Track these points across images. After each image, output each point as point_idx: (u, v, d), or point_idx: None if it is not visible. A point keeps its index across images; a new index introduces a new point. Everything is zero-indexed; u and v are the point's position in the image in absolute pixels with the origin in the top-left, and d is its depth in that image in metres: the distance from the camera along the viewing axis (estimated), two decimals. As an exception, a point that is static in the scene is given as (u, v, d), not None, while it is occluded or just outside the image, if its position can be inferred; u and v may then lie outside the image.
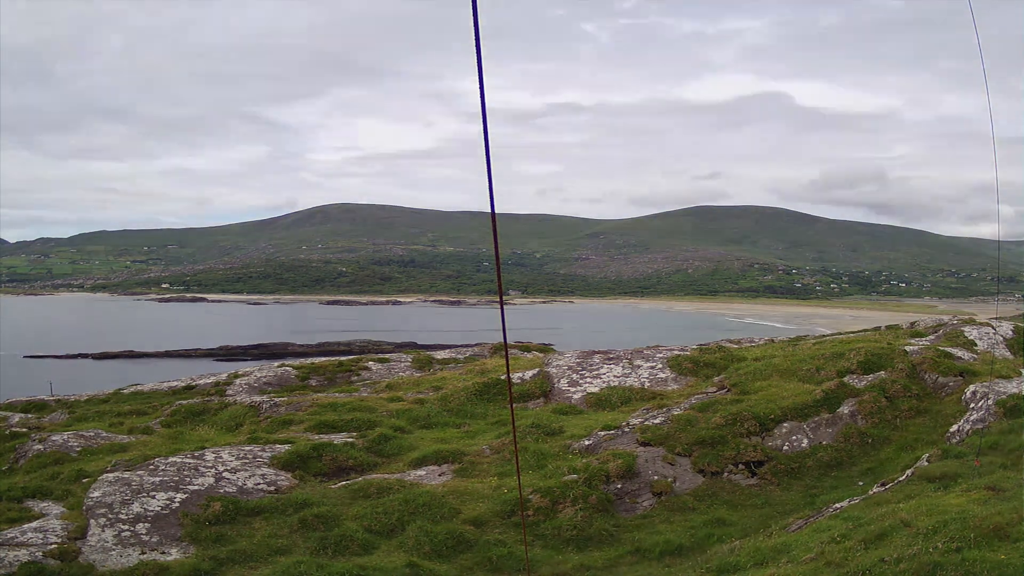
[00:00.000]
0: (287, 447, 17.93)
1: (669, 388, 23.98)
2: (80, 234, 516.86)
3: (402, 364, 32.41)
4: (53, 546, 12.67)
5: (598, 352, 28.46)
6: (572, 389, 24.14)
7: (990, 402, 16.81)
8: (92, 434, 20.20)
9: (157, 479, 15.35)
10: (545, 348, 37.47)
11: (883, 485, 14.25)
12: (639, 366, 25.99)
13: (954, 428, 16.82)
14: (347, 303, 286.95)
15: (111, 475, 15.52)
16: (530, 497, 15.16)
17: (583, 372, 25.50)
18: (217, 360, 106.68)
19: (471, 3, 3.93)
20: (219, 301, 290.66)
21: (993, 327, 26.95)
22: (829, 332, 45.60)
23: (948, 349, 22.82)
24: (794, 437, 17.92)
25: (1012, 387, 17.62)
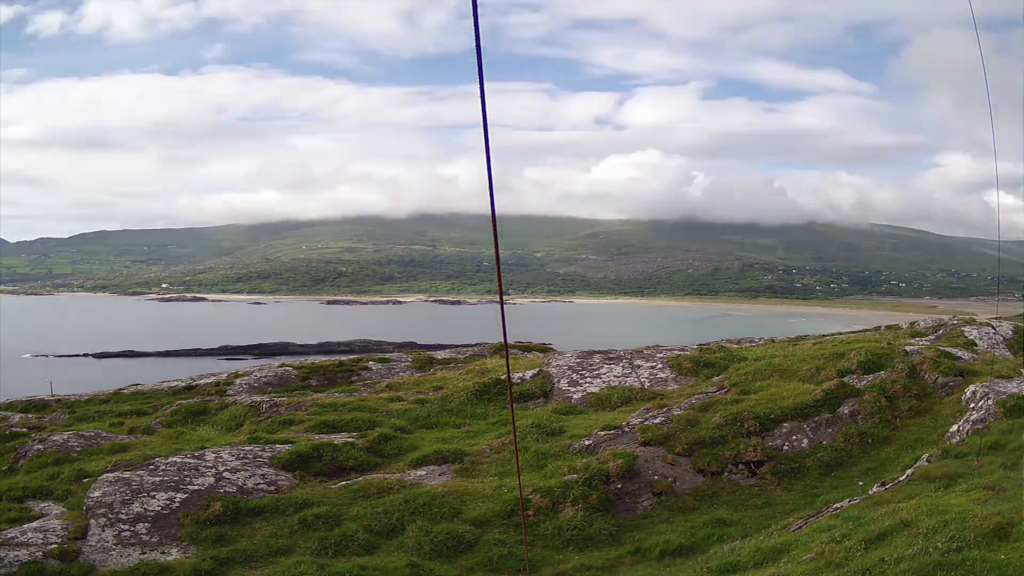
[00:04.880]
0: (287, 447, 17.93)
1: (669, 388, 23.98)
2: (80, 234, 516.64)
3: (402, 364, 32.41)
4: (53, 546, 12.67)
5: (598, 352, 28.45)
6: (572, 389, 24.14)
7: (990, 402, 16.80)
8: (92, 434, 20.20)
9: (157, 479, 15.36)
10: (545, 348, 37.46)
11: (883, 485, 14.25)
12: (639, 366, 25.98)
13: (954, 428, 16.81)
14: (347, 303, 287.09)
15: (111, 475, 15.53)
16: (530, 497, 15.16)
17: (583, 372, 25.50)
18: (217, 360, 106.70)
19: (471, 4, 3.93)
20: (219, 301, 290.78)
21: (993, 327, 26.94)
22: (829, 332, 45.61)
23: (948, 349, 22.82)
24: (794, 437, 17.92)
25: (1012, 387, 17.63)
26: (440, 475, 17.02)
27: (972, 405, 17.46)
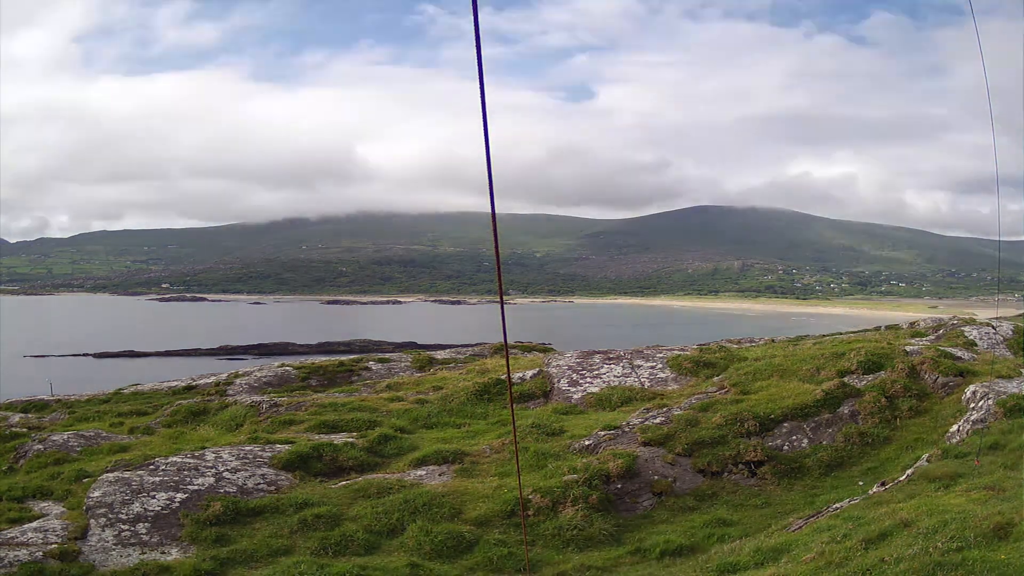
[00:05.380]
0: (287, 447, 17.92)
1: (669, 388, 23.97)
2: (80, 234, 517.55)
3: (402, 364, 32.41)
4: (53, 546, 12.67)
5: (598, 352, 28.45)
6: (572, 389, 24.14)
7: (990, 402, 16.80)
8: (92, 434, 20.20)
9: (157, 479, 15.36)
10: (545, 348, 37.48)
11: (883, 485, 14.24)
12: (639, 366, 25.99)
13: (954, 428, 16.81)
14: (347, 303, 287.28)
15: (111, 475, 15.52)
16: (531, 497, 15.15)
17: (583, 372, 25.50)
18: (217, 360, 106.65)
19: (471, 3, 3.93)
20: (219, 301, 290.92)
21: (993, 327, 26.94)
22: (829, 332, 45.59)
23: (948, 349, 22.81)
24: (794, 437, 17.92)
25: (1012, 387, 17.63)
26: (440, 475, 17.01)
27: (972, 405, 17.46)
